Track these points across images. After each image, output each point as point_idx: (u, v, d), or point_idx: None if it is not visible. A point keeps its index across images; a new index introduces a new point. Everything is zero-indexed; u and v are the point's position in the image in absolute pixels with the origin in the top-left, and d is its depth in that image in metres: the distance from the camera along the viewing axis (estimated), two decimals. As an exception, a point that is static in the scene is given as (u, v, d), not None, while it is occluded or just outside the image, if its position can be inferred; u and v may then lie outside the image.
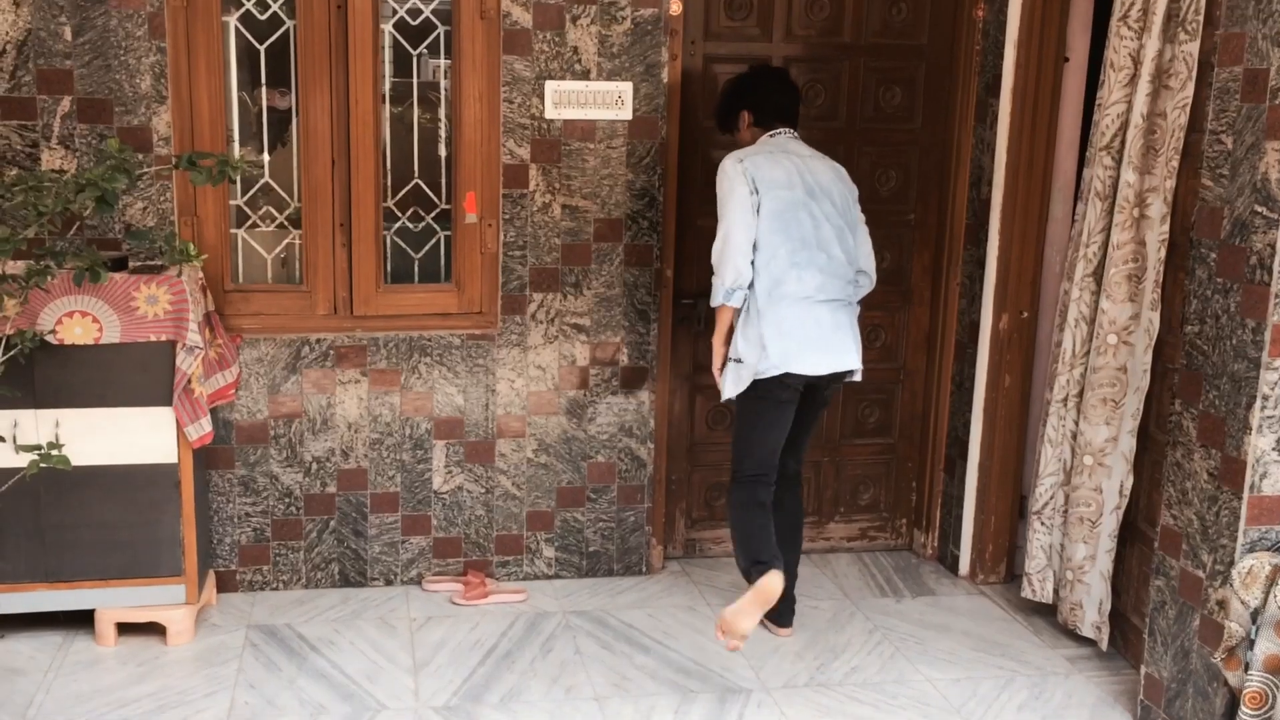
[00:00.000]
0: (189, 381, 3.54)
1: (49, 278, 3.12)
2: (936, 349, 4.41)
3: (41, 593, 3.60)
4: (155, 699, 3.37)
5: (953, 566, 4.39)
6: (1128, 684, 3.56)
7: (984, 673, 3.66)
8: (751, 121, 3.69)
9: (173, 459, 3.60)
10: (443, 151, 4.04)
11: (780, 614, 3.81)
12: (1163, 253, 3.40)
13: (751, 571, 3.50)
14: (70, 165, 3.69)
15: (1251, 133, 2.91)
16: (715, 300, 3.54)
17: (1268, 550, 2.95)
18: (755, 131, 3.69)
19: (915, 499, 4.58)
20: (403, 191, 4.03)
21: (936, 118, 4.30)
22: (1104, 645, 3.71)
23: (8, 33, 3.59)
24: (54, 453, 2.82)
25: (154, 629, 3.70)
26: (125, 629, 3.70)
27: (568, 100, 3.92)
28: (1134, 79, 3.47)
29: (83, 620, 3.71)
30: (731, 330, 3.57)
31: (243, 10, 3.83)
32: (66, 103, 3.66)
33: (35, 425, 3.48)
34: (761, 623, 3.79)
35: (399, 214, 4.04)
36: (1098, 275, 3.63)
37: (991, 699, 3.50)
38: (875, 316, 4.40)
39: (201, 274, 3.74)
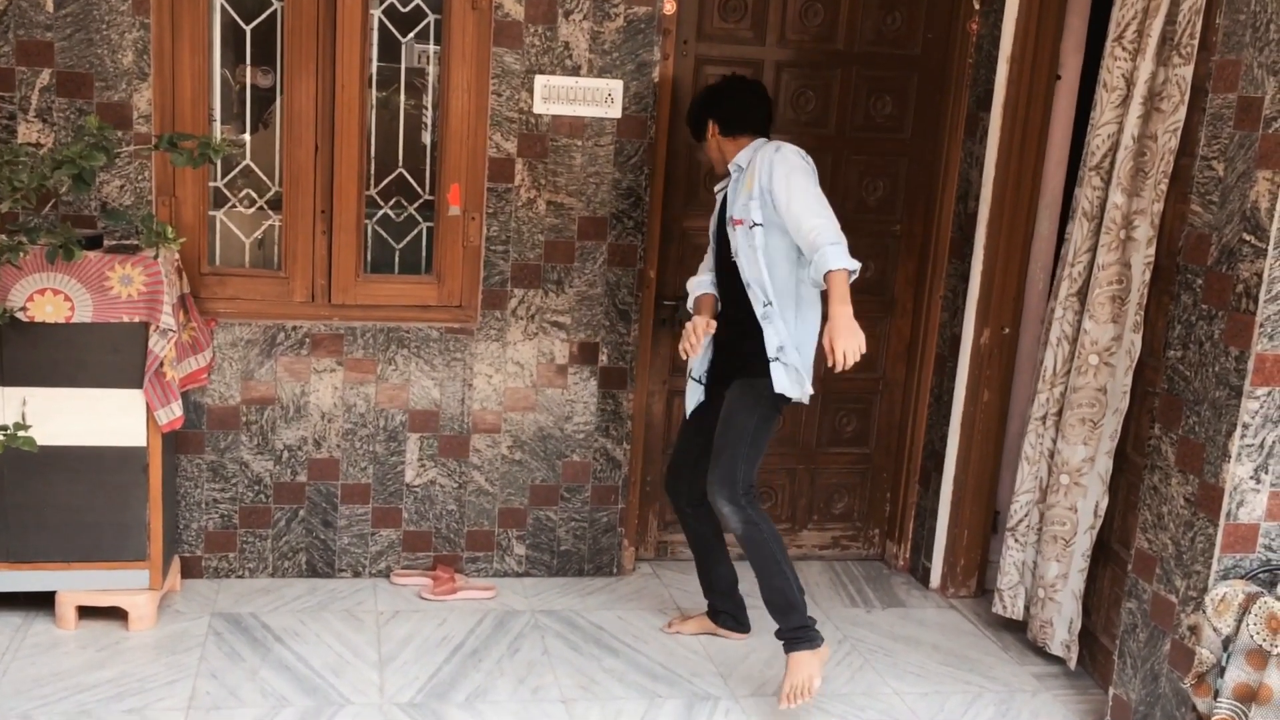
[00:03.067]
0: (161, 364, 3.48)
1: (21, 254, 3.06)
2: (917, 361, 4.40)
3: (2, 573, 3.54)
4: (114, 685, 3.32)
5: (924, 579, 4.38)
6: (1095, 704, 3.56)
7: (952, 687, 3.65)
8: (718, 130, 3.53)
9: (141, 442, 3.54)
10: (428, 141, 3.99)
11: (739, 620, 3.85)
12: (1147, 275, 3.40)
13: (807, 634, 3.40)
14: (48, 139, 3.62)
15: (1243, 160, 2.91)
16: (840, 260, 3.12)
17: (1242, 578, 2.95)
18: (723, 140, 3.53)
19: (889, 510, 4.57)
20: (386, 180, 3.98)
21: (926, 129, 4.28)
22: (1072, 664, 3.71)
23: (-11, 1, 3.52)
24: (20, 434, 2.75)
25: (116, 614, 3.64)
26: (86, 613, 3.64)
27: (557, 95, 3.88)
28: (1126, 100, 3.46)
29: (43, 602, 3.65)
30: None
31: (230, -11, 3.78)
32: (46, 75, 3.59)
33: (2, 404, 3.42)
34: (719, 634, 3.87)
35: (381, 203, 3.99)
36: (1082, 295, 3.62)
37: (959, 714, 3.50)
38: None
39: (177, 256, 3.68)
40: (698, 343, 3.44)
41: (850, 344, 3.06)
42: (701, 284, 3.64)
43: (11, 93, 3.59)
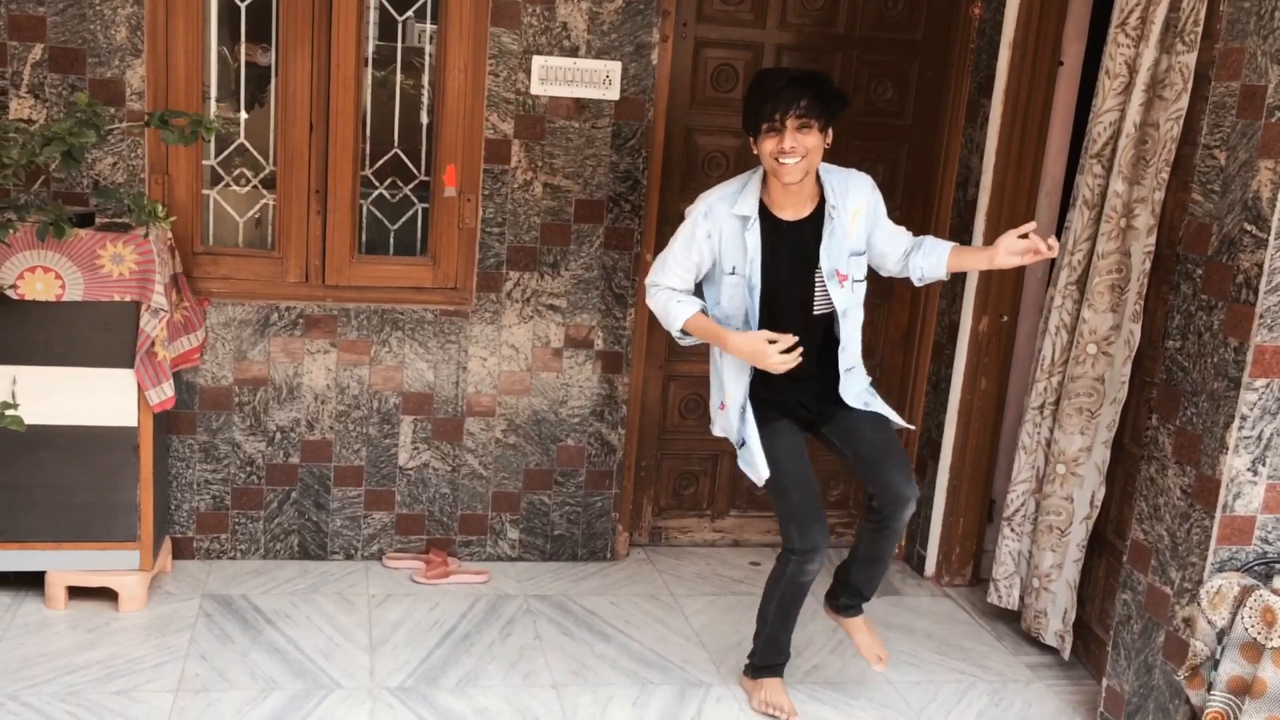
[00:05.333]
0: (152, 344, 3.46)
1: (10, 231, 3.03)
2: (914, 348, 4.38)
3: (-9, 552, 3.53)
4: (104, 666, 3.30)
5: (919, 567, 4.37)
6: (1088, 695, 3.55)
7: (945, 676, 3.64)
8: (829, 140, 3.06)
9: (132, 422, 3.51)
10: (424, 121, 3.96)
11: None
12: (1147, 265, 3.37)
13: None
14: (40, 115, 3.58)
15: (1245, 149, 2.88)
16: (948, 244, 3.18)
17: (1237, 571, 2.94)
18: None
19: (884, 497, 4.55)
20: (381, 160, 3.95)
21: (927, 115, 4.25)
22: (1066, 654, 3.70)
23: (-20, -25, 3.48)
24: (8, 413, 2.73)
25: (106, 594, 3.63)
26: (76, 593, 3.63)
27: (554, 76, 3.85)
28: (1128, 88, 3.43)
29: (33, 582, 3.63)
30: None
31: (225, -35, 3.74)
32: (38, 50, 3.56)
33: (-8, 381, 3.39)
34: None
35: (377, 183, 3.96)
36: (1081, 283, 3.60)
37: (952, 704, 3.48)
38: (854, 312, 4.36)
39: (170, 234, 3.65)
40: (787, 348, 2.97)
41: (1018, 245, 3.04)
42: (693, 304, 3.12)
43: (3, 68, 3.55)
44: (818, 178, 3.07)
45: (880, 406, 3.25)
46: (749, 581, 4.20)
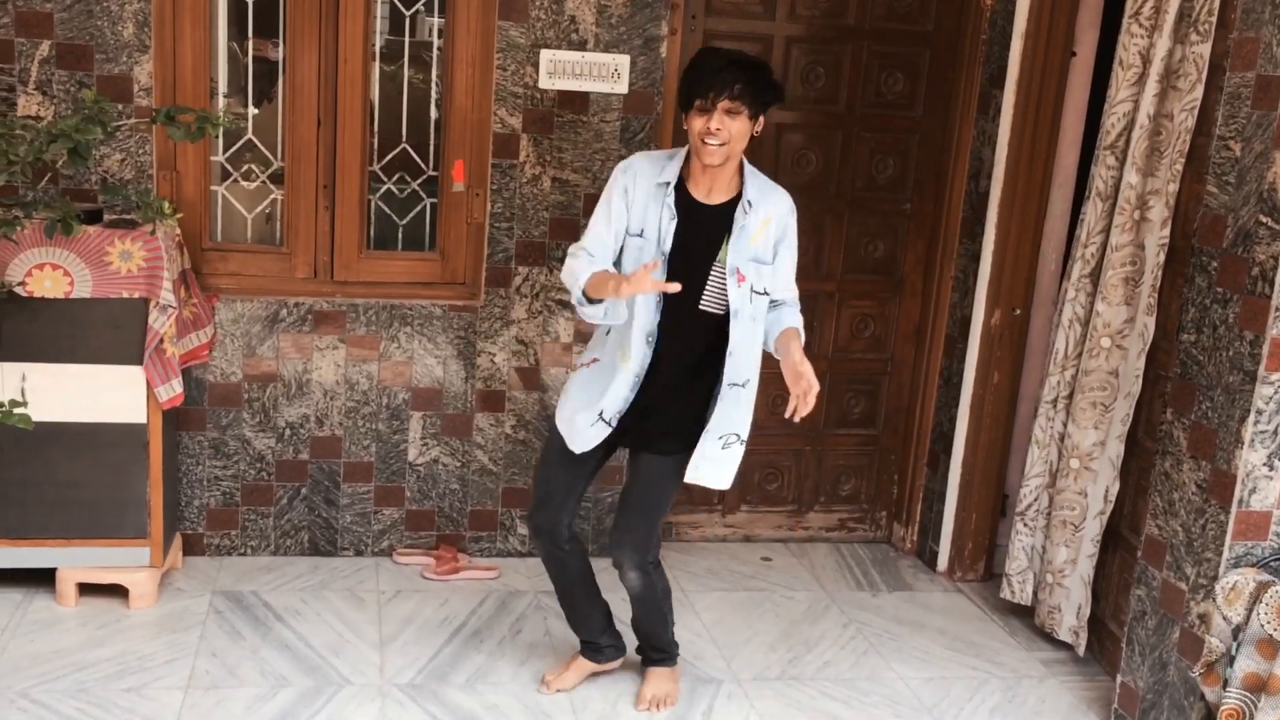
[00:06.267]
0: (161, 341, 3.45)
1: (18, 228, 3.02)
2: (926, 342, 4.35)
3: (2, 549, 3.52)
4: (114, 663, 3.30)
5: (931, 562, 4.34)
6: (1102, 691, 3.52)
7: (957, 673, 3.62)
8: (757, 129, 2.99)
9: (142, 419, 3.51)
10: (433, 116, 3.94)
11: (618, 647, 3.43)
12: (1161, 257, 3.34)
13: (673, 651, 3.37)
14: (48, 112, 3.58)
15: (1261, 140, 2.84)
16: (797, 322, 3.09)
17: (1253, 566, 2.91)
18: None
19: (896, 492, 4.53)
20: (390, 155, 3.94)
21: (938, 107, 4.22)
22: (1081, 651, 3.67)
23: (-13, -28, 3.48)
24: (15, 411, 2.72)
25: (116, 591, 3.62)
26: (87, 590, 3.62)
27: (563, 70, 3.83)
28: (1142, 78, 3.40)
29: (44, 579, 3.63)
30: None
31: (232, -40, 3.73)
32: (45, 47, 3.55)
33: (1, 379, 3.39)
34: (602, 671, 3.42)
35: (385, 178, 3.95)
36: (1095, 276, 3.56)
37: (964, 700, 3.46)
38: (865, 306, 4.34)
39: (178, 230, 3.64)
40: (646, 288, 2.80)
41: (802, 380, 2.83)
42: (599, 263, 2.95)
43: (11, 64, 3.55)
44: (741, 172, 3.00)
45: (733, 460, 3.07)
46: (760, 577, 4.18)
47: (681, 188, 2.98)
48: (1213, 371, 2.98)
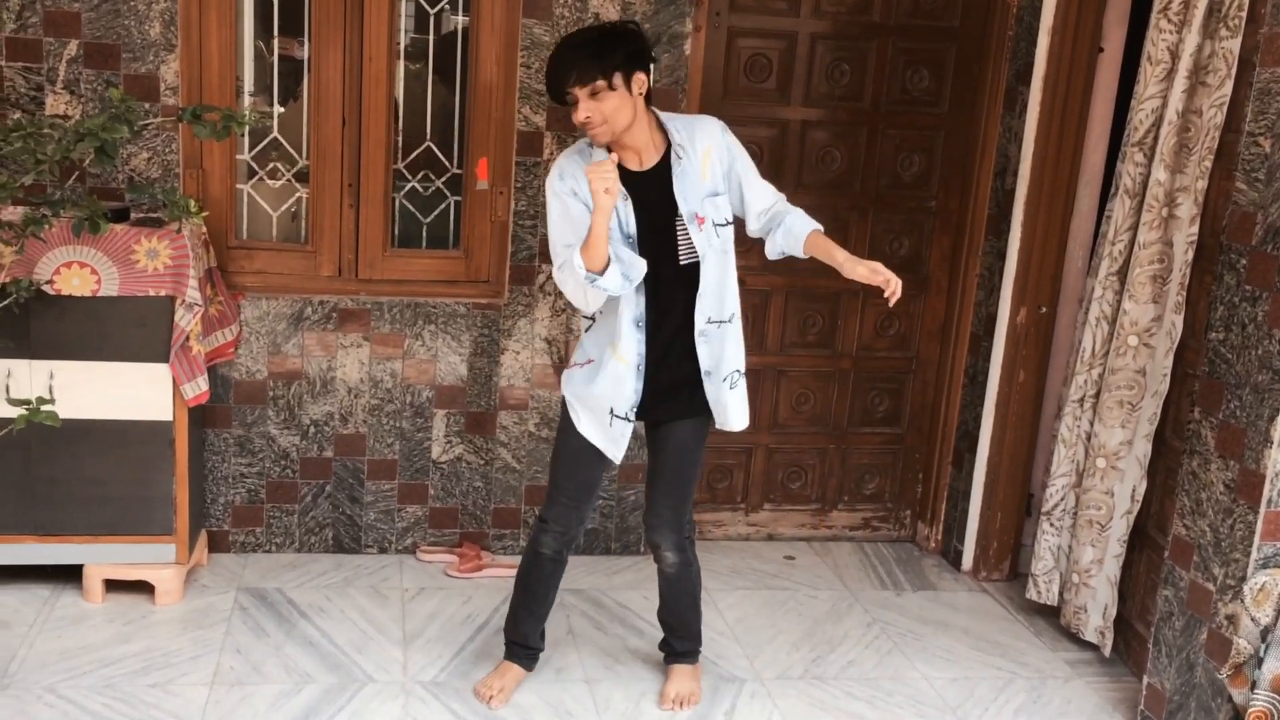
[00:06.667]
0: (187, 339, 3.47)
1: (46, 226, 3.05)
2: (951, 340, 4.33)
3: (30, 545, 3.55)
4: (140, 659, 3.32)
5: (955, 561, 4.32)
6: (1128, 692, 3.49)
7: (982, 673, 3.60)
8: (645, 89, 2.90)
9: (168, 416, 3.53)
10: (457, 115, 3.95)
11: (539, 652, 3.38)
12: (1190, 255, 3.31)
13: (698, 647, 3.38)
14: (75, 111, 3.60)
15: (1291, 136, 2.81)
16: (815, 225, 3.05)
17: (1282, 567, 2.88)
18: (642, 105, 2.91)
19: (921, 491, 4.51)
20: (414, 154, 3.94)
21: (964, 103, 4.19)
22: (1107, 651, 3.65)
23: (16, -28, 3.50)
24: (43, 408, 2.74)
25: (142, 587, 3.65)
26: (113, 586, 3.65)
27: (587, 68, 3.82)
28: (1171, 74, 3.36)
29: (71, 575, 3.66)
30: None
31: (257, -40, 3.74)
32: (73, 46, 3.58)
33: (29, 376, 3.42)
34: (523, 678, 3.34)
35: (409, 176, 3.96)
36: (1122, 274, 3.53)
37: (989, 700, 3.44)
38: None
39: (204, 229, 3.66)
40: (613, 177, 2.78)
41: (883, 270, 2.92)
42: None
43: (39, 64, 3.57)
44: (661, 125, 2.97)
45: (741, 399, 3.09)
46: (783, 576, 4.17)
47: (619, 169, 2.91)
48: (1241, 370, 2.95)
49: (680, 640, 3.34)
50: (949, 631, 3.84)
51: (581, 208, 2.91)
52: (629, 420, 3.03)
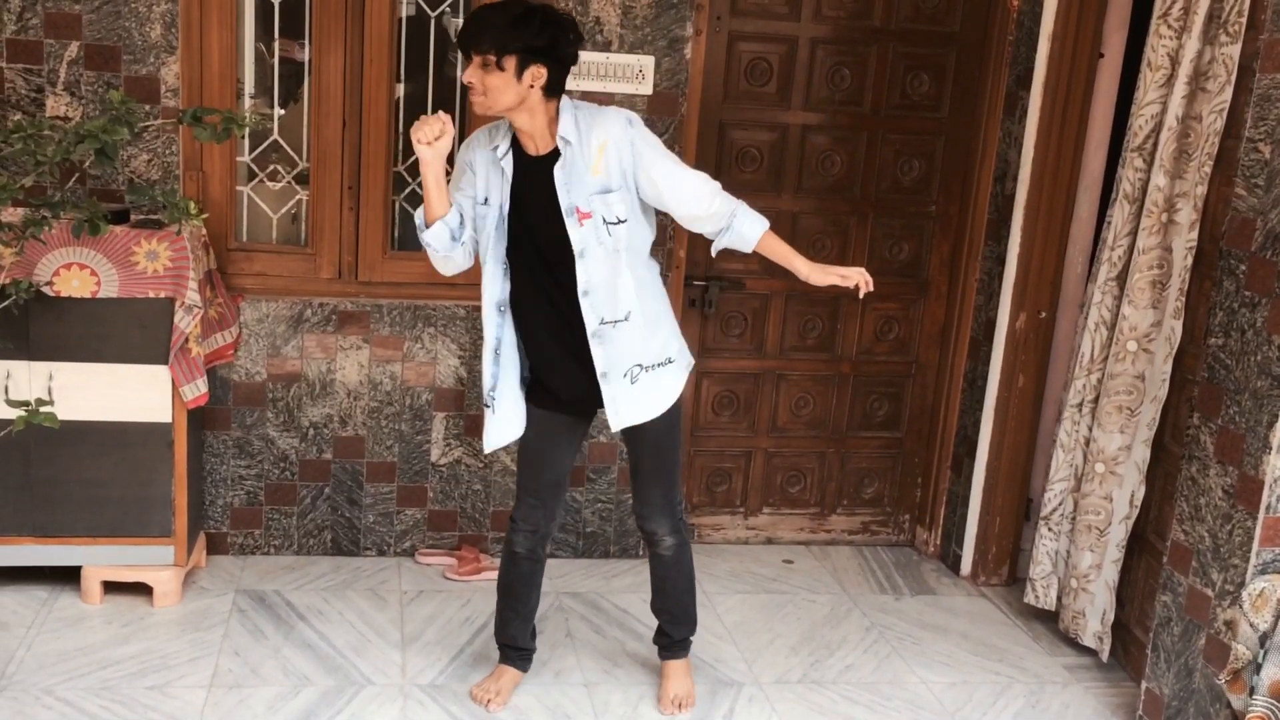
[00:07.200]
0: (186, 341, 3.47)
1: (45, 228, 3.05)
2: (950, 344, 4.33)
3: (28, 547, 3.55)
4: (138, 661, 3.32)
5: (954, 566, 4.32)
6: (1126, 697, 3.49)
7: (981, 677, 3.59)
8: (544, 81, 2.80)
9: (167, 418, 3.53)
10: (457, 117, 3.94)
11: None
12: (1189, 260, 3.31)
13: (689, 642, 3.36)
14: (76, 113, 3.60)
15: (1291, 143, 2.81)
16: (762, 221, 2.98)
17: (1281, 573, 2.88)
18: (539, 97, 2.82)
19: (920, 495, 4.51)
20: (414, 157, 3.93)
21: (964, 108, 4.20)
22: (1105, 656, 3.65)
23: (17, -26, 3.50)
24: (42, 410, 2.74)
25: (141, 589, 3.65)
26: (112, 588, 3.65)
27: (587, 72, 3.83)
28: (1170, 80, 3.37)
29: (69, 576, 3.66)
30: None
31: (259, -38, 3.74)
32: (74, 48, 3.58)
33: (29, 377, 3.42)
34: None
35: (409, 179, 3.96)
36: (1121, 279, 3.54)
37: (987, 705, 3.44)
38: (889, 308, 4.32)
39: (204, 231, 3.66)
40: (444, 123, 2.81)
41: (852, 270, 2.93)
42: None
43: (40, 65, 3.57)
44: (558, 115, 2.88)
45: (678, 375, 3.05)
46: (782, 580, 4.17)
47: (519, 149, 2.92)
48: (1240, 376, 2.95)
49: (679, 627, 3.30)
50: (947, 636, 3.84)
51: (471, 177, 2.96)
52: (491, 409, 3.06)
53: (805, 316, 4.30)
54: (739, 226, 2.96)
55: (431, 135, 2.81)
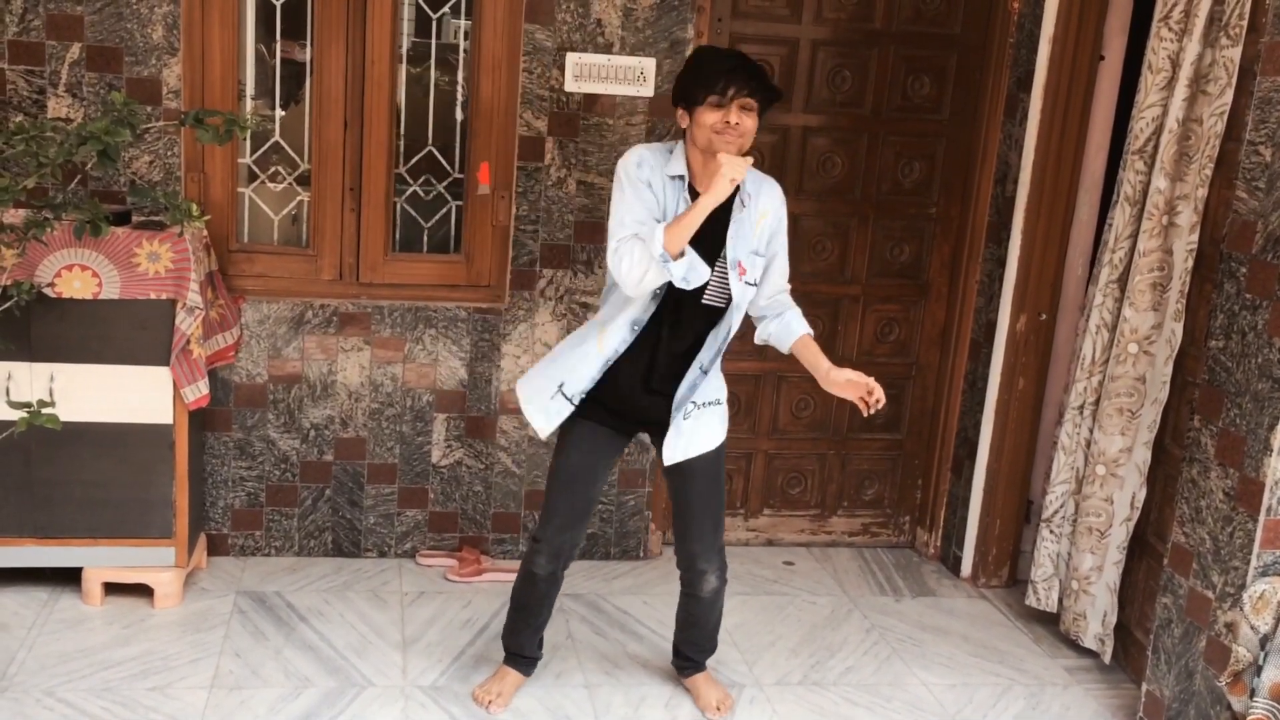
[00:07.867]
0: (188, 342, 3.47)
1: (47, 229, 3.05)
2: (951, 346, 4.33)
3: (29, 548, 3.55)
4: (139, 663, 3.32)
5: (955, 568, 4.32)
6: (1127, 699, 3.49)
7: (981, 679, 3.60)
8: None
9: (168, 419, 3.53)
10: (458, 119, 3.95)
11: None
12: (1190, 263, 3.31)
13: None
14: (77, 114, 3.61)
15: (1292, 145, 2.82)
16: (808, 328, 3.15)
17: (1281, 576, 2.88)
18: None
19: (920, 497, 4.51)
20: (415, 158, 3.95)
21: (965, 110, 4.20)
22: (1106, 658, 3.65)
23: (19, -25, 3.51)
24: (43, 411, 2.75)
25: (142, 590, 3.65)
26: (113, 589, 3.65)
27: (588, 73, 3.83)
28: (1171, 82, 3.37)
29: (70, 578, 3.66)
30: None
31: (260, -36, 3.75)
32: (76, 50, 3.58)
33: (30, 379, 3.42)
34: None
35: (410, 181, 3.96)
36: (1122, 282, 3.54)
37: (988, 706, 3.44)
38: (890, 310, 4.33)
39: (205, 232, 3.66)
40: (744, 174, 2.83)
41: (860, 376, 2.97)
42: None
43: (41, 67, 3.58)
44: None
45: (706, 429, 3.07)
46: (782, 581, 4.18)
47: (689, 186, 2.97)
48: (1241, 378, 2.96)
49: (703, 653, 3.36)
50: (948, 638, 3.84)
51: (652, 197, 2.93)
52: (570, 403, 3.02)
53: (806, 317, 4.28)
54: (789, 318, 3.09)
55: (741, 177, 2.80)
